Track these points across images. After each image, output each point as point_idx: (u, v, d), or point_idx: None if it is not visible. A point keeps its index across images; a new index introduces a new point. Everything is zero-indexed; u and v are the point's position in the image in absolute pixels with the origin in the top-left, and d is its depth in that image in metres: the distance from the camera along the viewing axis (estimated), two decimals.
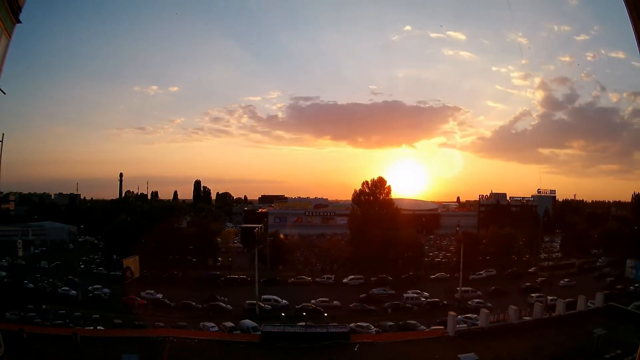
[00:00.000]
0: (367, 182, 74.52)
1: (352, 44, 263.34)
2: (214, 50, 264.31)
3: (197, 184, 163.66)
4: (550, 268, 70.80)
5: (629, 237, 70.02)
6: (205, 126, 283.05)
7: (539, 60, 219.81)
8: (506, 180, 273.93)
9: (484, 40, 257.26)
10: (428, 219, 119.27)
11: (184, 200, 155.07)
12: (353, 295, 51.30)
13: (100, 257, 75.37)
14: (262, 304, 47.19)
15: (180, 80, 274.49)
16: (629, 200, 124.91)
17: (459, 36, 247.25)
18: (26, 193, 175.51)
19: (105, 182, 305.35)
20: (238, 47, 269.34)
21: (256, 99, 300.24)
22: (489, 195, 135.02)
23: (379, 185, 74.11)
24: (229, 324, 39.69)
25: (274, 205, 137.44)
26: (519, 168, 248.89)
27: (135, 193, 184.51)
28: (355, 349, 32.62)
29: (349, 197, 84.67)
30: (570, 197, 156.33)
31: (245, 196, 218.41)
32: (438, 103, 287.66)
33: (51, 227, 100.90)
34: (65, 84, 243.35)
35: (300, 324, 36.62)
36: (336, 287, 58.18)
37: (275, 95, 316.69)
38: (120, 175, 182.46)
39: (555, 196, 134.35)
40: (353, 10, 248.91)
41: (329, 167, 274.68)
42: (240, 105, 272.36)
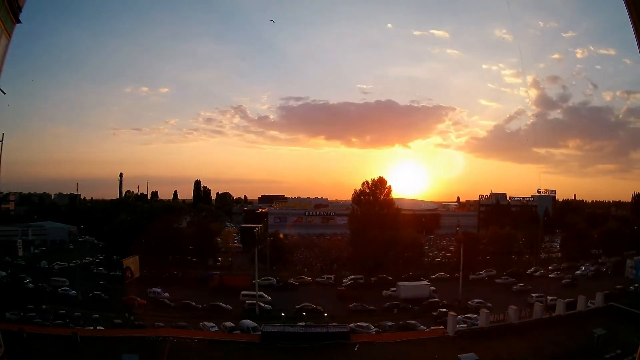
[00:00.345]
0: (367, 182, 74.32)
1: (338, 44, 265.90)
2: (202, 51, 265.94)
3: (197, 184, 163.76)
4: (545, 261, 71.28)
5: (629, 237, 70.09)
6: (199, 127, 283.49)
7: (528, 57, 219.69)
8: (506, 180, 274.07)
9: (469, 37, 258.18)
10: (428, 219, 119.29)
11: (184, 200, 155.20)
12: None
13: (100, 257, 75.28)
14: (262, 304, 47.14)
15: (170, 81, 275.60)
16: (629, 200, 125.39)
17: (443, 34, 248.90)
18: (26, 193, 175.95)
19: (105, 182, 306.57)
20: (227, 48, 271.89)
21: (247, 99, 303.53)
22: (489, 195, 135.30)
23: (379, 185, 73.94)
24: (229, 324, 39.66)
25: (274, 205, 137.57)
26: (516, 168, 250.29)
27: (135, 193, 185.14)
28: (355, 349, 32.65)
29: (348, 197, 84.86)
30: (570, 197, 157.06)
31: (245, 196, 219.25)
32: (431, 102, 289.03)
33: (51, 227, 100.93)
34: (65, 83, 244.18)
35: (300, 324, 36.62)
36: (336, 287, 57.98)
37: (265, 96, 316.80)
38: (120, 175, 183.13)
39: (555, 196, 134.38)
40: (337, 9, 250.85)
41: (326, 167, 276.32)
42: (232, 106, 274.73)
